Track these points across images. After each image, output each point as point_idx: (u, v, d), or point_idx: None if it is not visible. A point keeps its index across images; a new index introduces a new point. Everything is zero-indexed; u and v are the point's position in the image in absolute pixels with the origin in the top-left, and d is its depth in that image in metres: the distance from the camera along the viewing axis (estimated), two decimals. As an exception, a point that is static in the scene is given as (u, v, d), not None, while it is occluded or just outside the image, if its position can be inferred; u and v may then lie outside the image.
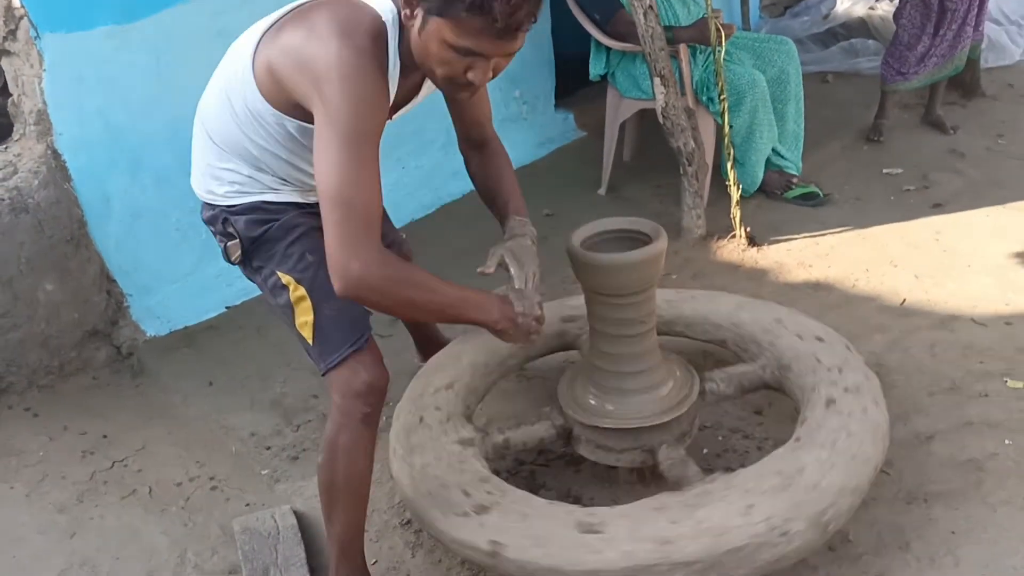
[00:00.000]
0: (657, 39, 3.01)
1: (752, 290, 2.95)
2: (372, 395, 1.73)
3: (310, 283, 1.74)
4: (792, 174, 3.56)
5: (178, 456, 2.45)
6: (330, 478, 1.77)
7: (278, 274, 1.76)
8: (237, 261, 1.83)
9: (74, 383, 2.77)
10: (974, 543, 1.91)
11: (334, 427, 1.74)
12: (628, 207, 3.52)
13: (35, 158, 2.59)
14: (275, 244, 1.78)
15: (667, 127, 3.15)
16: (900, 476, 2.08)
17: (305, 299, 1.73)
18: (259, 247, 1.80)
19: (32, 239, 2.61)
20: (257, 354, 2.85)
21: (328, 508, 1.80)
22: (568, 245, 1.92)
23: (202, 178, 1.84)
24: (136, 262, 2.88)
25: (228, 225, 1.81)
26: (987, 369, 2.45)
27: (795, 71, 3.48)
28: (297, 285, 1.74)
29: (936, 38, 3.87)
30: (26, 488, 2.36)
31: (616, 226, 2.00)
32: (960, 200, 3.48)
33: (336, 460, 1.75)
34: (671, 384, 2.04)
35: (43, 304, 2.67)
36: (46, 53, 2.53)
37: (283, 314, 1.80)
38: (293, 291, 1.75)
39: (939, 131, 4.07)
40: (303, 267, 1.75)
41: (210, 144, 1.79)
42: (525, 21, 1.46)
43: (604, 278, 1.90)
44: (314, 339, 1.74)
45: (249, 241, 1.80)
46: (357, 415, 1.72)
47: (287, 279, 1.75)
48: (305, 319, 1.74)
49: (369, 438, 1.76)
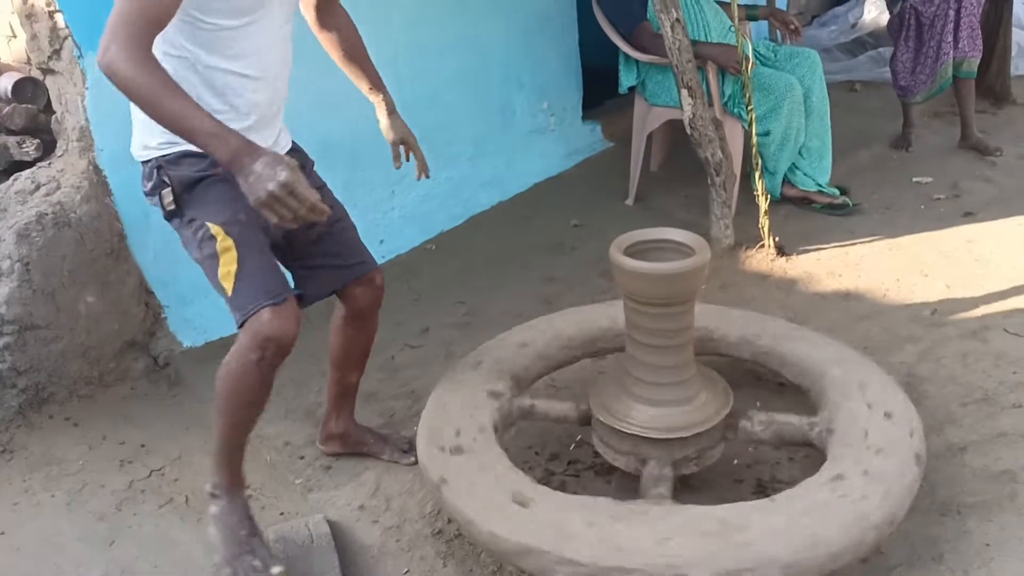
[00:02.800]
0: (684, 51, 3.03)
1: (781, 300, 2.95)
2: (272, 343, 1.76)
3: (238, 236, 1.78)
4: (807, 190, 3.52)
5: (214, 465, 2.49)
6: (219, 386, 1.88)
7: (207, 225, 1.78)
8: (169, 207, 1.82)
9: (113, 393, 2.82)
10: (1009, 555, 1.89)
11: (231, 354, 1.83)
12: (656, 217, 3.53)
13: (77, 173, 2.66)
14: (208, 196, 1.80)
15: (695, 138, 3.17)
16: (933, 488, 2.07)
17: (231, 250, 1.77)
18: (193, 198, 1.81)
19: (74, 252, 2.67)
20: (290, 363, 2.82)
21: (215, 416, 1.94)
22: (611, 253, 1.95)
23: (138, 136, 1.86)
24: (173, 274, 2.93)
25: (162, 173, 1.82)
26: (1020, 379, 2.43)
27: (819, 84, 3.46)
28: (225, 236, 1.77)
29: (919, 54, 3.88)
30: (67, 496, 2.41)
31: (656, 236, 2.02)
32: (991, 209, 3.46)
33: (226, 379, 1.85)
34: (688, 406, 2.03)
35: (84, 316, 2.73)
36: (88, 72, 2.59)
37: (208, 267, 1.81)
38: (220, 241, 1.77)
39: (982, 154, 3.95)
40: (233, 222, 1.78)
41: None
42: None
43: (647, 287, 1.93)
44: (233, 289, 1.78)
45: (182, 187, 1.81)
46: (252, 356, 1.78)
47: (216, 229, 1.77)
48: (228, 269, 1.77)
49: (258, 376, 1.81)
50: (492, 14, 3.70)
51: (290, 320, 1.78)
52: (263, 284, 1.77)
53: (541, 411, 2.18)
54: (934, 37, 3.82)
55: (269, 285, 1.78)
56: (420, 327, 2.80)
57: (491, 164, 3.82)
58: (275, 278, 1.80)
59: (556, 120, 4.12)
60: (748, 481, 2.19)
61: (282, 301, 1.77)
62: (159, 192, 1.83)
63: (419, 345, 2.73)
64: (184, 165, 1.81)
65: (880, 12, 5.14)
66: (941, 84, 3.93)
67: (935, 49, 3.84)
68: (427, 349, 2.77)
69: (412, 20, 3.34)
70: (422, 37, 3.34)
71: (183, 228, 1.86)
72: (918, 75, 3.91)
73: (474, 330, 2.90)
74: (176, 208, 1.82)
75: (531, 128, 4.01)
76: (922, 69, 3.89)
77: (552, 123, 4.10)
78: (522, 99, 3.94)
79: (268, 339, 1.76)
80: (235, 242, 1.76)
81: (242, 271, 1.76)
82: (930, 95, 3.98)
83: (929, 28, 3.83)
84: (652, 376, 2.02)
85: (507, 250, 3.48)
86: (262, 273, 1.78)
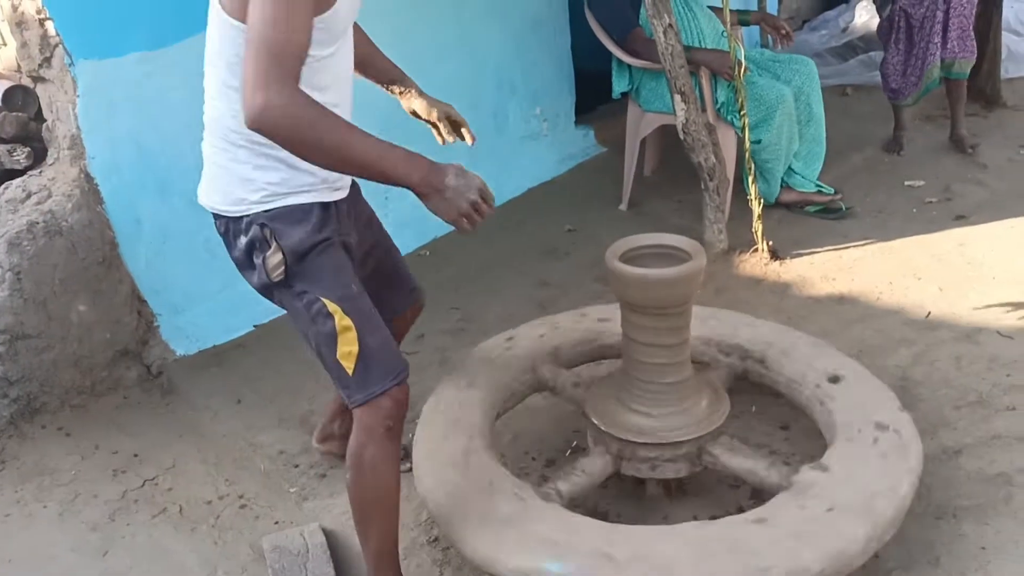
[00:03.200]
0: (677, 57, 3.03)
1: (775, 304, 2.96)
2: (397, 408, 1.76)
3: (356, 314, 1.72)
4: (805, 192, 3.55)
5: (207, 474, 2.48)
6: (360, 494, 1.79)
7: (322, 300, 1.70)
8: (277, 278, 1.70)
9: (105, 402, 2.81)
10: (1005, 558, 1.90)
11: (357, 444, 1.77)
12: (649, 222, 3.53)
13: (68, 182, 2.65)
14: (321, 267, 1.72)
15: (688, 143, 3.17)
16: (929, 491, 2.07)
17: (351, 330, 1.71)
18: (304, 269, 1.71)
19: (65, 261, 2.66)
20: (285, 372, 2.88)
21: (361, 524, 1.83)
22: (607, 259, 1.95)
23: (226, 187, 1.71)
24: (166, 282, 2.92)
25: (268, 236, 1.68)
26: (1014, 382, 2.44)
27: (815, 91, 3.48)
28: (344, 315, 1.70)
29: (909, 56, 3.89)
30: (59, 507, 2.39)
31: (651, 241, 2.03)
32: (983, 212, 3.47)
33: (363, 476, 1.77)
34: (703, 398, 2.06)
35: (76, 325, 2.72)
36: (79, 79, 2.58)
37: (323, 343, 1.73)
38: (339, 320, 1.70)
39: (958, 150, 4.04)
40: (348, 297, 1.73)
41: (233, 147, 1.68)
42: None
43: (644, 293, 1.93)
44: (355, 371, 1.72)
45: (293, 257, 1.69)
46: (380, 429, 1.75)
47: (334, 307, 1.70)
48: (349, 349, 1.71)
49: (393, 451, 1.78)
50: (485, 20, 3.71)
51: (406, 388, 1.78)
52: (386, 365, 1.74)
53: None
54: (923, 39, 3.84)
55: (391, 364, 1.75)
56: (414, 334, 2.79)
57: (484, 169, 3.72)
58: (394, 354, 1.78)
59: (549, 125, 4.12)
60: (744, 487, 2.19)
61: (405, 376, 1.77)
62: (263, 255, 1.69)
63: (414, 352, 2.73)
64: (290, 227, 1.68)
65: (870, 16, 5.16)
66: (928, 85, 3.93)
67: (923, 50, 3.85)
68: (422, 356, 2.77)
69: (406, 27, 3.34)
70: (416, 43, 3.34)
71: (291, 299, 1.75)
72: (908, 77, 3.93)
73: (469, 336, 2.89)
74: (284, 279, 1.71)
75: (524, 133, 4.01)
76: (912, 71, 3.91)
77: (545, 128, 4.10)
78: (515, 104, 3.94)
79: (395, 405, 1.75)
80: (353, 321, 1.70)
81: (364, 352, 1.71)
82: (919, 97, 3.99)
83: (919, 30, 3.84)
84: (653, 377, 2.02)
85: (501, 255, 3.48)
86: (384, 353, 1.75)
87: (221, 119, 1.69)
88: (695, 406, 2.04)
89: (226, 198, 1.72)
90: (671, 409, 2.02)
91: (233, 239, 1.75)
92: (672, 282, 1.90)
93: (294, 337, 3.02)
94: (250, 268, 1.76)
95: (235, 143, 1.67)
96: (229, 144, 1.68)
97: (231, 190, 1.71)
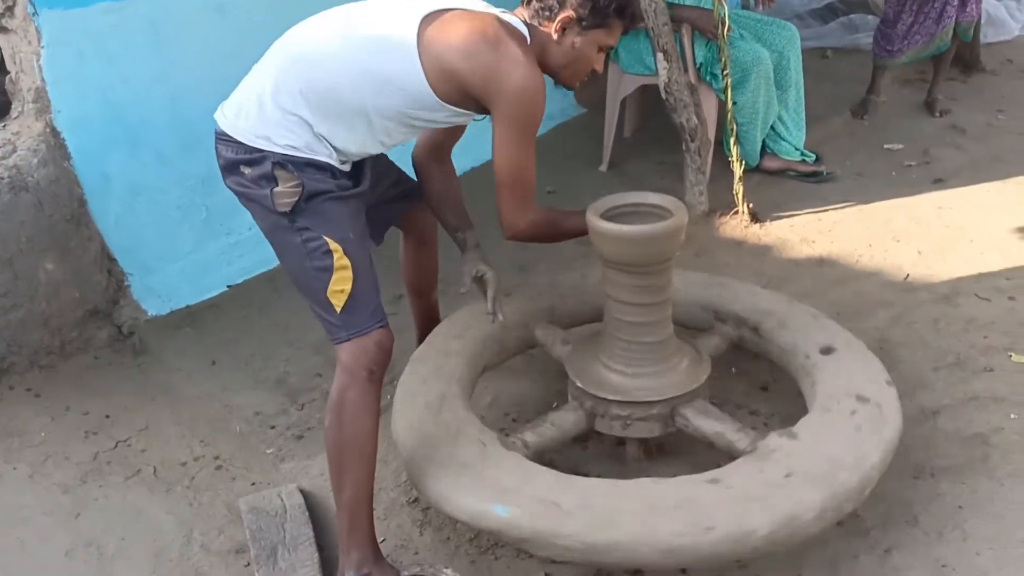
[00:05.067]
0: (660, 14, 2.98)
1: (755, 266, 2.95)
2: (381, 353, 1.83)
3: (354, 256, 1.82)
4: (789, 159, 3.53)
5: (182, 436, 2.45)
6: (337, 438, 1.80)
7: (326, 239, 1.80)
8: (283, 208, 1.80)
9: (75, 363, 2.76)
10: (981, 517, 1.92)
11: (339, 387, 1.81)
12: (630, 183, 3.50)
13: (34, 136, 2.56)
14: (327, 211, 1.82)
15: (670, 103, 3.14)
16: (907, 451, 2.08)
17: (348, 268, 1.81)
18: (310, 208, 1.81)
19: (32, 218, 2.58)
20: (260, 333, 2.84)
21: (336, 472, 1.82)
22: (588, 216, 1.94)
23: (258, 123, 1.81)
24: (137, 241, 2.85)
25: (278, 170, 1.79)
26: (991, 344, 2.46)
27: (795, 57, 3.44)
28: (343, 255, 1.81)
29: (920, 15, 3.83)
30: (29, 469, 2.35)
31: (633, 199, 2.02)
32: (961, 175, 3.48)
33: (343, 418, 1.79)
34: (684, 359, 2.06)
35: (44, 284, 2.65)
36: (44, 30, 2.49)
37: (315, 277, 1.82)
38: (338, 259, 1.81)
39: (928, 112, 4.05)
40: (349, 240, 1.83)
41: (298, 100, 1.80)
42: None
43: (626, 249, 1.91)
44: (344, 307, 1.81)
45: (308, 196, 1.80)
46: (363, 372, 1.80)
47: (335, 246, 1.80)
48: (342, 287, 1.81)
49: (374, 395, 1.82)
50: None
51: (391, 334, 1.87)
52: (374, 306, 1.85)
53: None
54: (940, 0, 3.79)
55: (378, 307, 1.86)
56: (393, 294, 2.76)
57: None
58: (379, 300, 1.88)
59: (528, 85, 4.05)
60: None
61: (387, 322, 1.87)
62: (271, 188, 1.80)
63: (393, 313, 2.68)
64: (308, 174, 1.81)
65: (852, -21, 5.13)
66: (939, 46, 3.89)
67: (939, 11, 3.80)
68: (400, 317, 2.73)
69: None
70: None
71: (287, 232, 1.84)
72: (913, 35, 3.85)
73: (449, 298, 2.86)
74: (290, 212, 1.81)
75: (503, 93, 3.94)
76: (920, 29, 3.83)
77: (524, 88, 4.04)
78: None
79: (379, 349, 1.83)
80: (352, 262, 1.81)
81: (355, 291, 1.82)
82: (918, 57, 3.94)
83: None
84: (645, 336, 2.01)
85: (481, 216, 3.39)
86: (372, 295, 1.86)
87: (321, 76, 1.80)
88: (673, 367, 2.04)
89: (250, 129, 1.82)
90: (648, 369, 2.02)
91: (245, 166, 1.83)
92: (651, 239, 1.89)
93: (269, 298, 3.00)
94: (249, 192, 1.84)
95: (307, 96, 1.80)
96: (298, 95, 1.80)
97: (259, 126, 1.81)
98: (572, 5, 1.85)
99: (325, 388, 2.54)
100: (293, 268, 1.88)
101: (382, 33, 1.83)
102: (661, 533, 1.61)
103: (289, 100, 1.80)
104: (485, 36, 1.80)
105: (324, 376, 2.59)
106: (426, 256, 2.39)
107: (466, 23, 1.81)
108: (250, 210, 1.90)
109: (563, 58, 1.91)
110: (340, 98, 1.81)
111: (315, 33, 1.87)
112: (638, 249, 1.91)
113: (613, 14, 1.87)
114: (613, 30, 1.90)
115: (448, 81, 1.81)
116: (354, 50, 1.82)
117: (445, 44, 1.79)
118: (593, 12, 1.85)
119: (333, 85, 1.80)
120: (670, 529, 1.62)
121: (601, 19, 1.86)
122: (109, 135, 2.72)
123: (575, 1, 1.85)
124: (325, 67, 1.81)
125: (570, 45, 1.89)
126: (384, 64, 1.81)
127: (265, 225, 1.89)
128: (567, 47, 1.89)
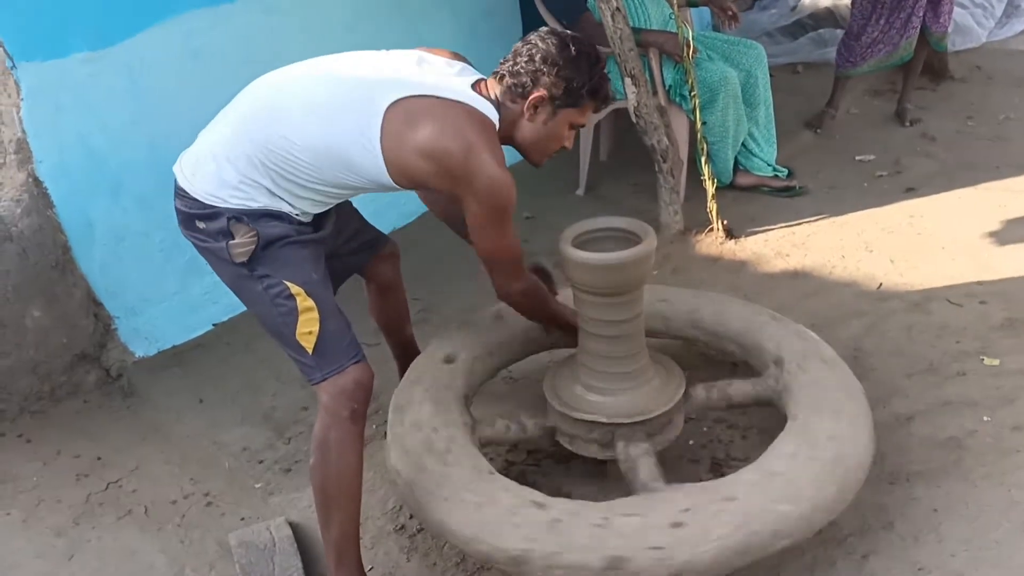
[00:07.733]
0: (626, 40, 3.05)
1: (731, 281, 3.00)
2: (360, 391, 1.83)
3: (319, 297, 1.84)
4: (761, 175, 3.59)
5: (172, 474, 2.47)
6: (322, 477, 1.83)
7: (286, 283, 1.82)
8: (242, 260, 1.82)
9: (65, 407, 2.79)
10: (956, 519, 1.96)
11: (322, 427, 1.83)
12: (606, 206, 3.56)
13: (16, 186, 2.61)
14: (285, 256, 1.83)
15: (640, 126, 3.20)
16: (882, 457, 2.12)
17: (313, 310, 1.82)
18: (268, 255, 1.83)
19: (17, 267, 2.62)
20: (246, 369, 2.87)
21: (323, 510, 1.85)
22: (560, 245, 1.97)
23: (210, 183, 1.82)
24: (121, 284, 2.89)
25: (234, 224, 1.81)
26: (963, 348, 2.51)
27: (763, 75, 3.51)
28: (307, 296, 1.82)
29: (885, 25, 3.90)
30: (22, 514, 2.37)
31: (604, 225, 2.05)
32: (932, 183, 3.54)
33: (327, 458, 1.82)
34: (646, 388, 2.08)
35: (31, 330, 2.69)
36: (23, 82, 2.54)
37: (282, 323, 1.83)
38: (301, 301, 1.82)
39: (898, 122, 4.12)
40: (313, 282, 1.85)
41: (257, 166, 1.81)
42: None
43: (595, 277, 1.95)
44: (315, 349, 1.83)
45: (265, 243, 1.81)
46: (345, 412, 1.81)
47: (297, 289, 1.82)
48: (310, 329, 1.82)
49: (357, 434, 1.84)
50: (434, 10, 3.69)
51: (368, 368, 1.88)
52: (345, 343, 1.86)
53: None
54: (905, 10, 3.84)
55: (349, 344, 1.87)
56: (372, 326, 2.80)
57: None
58: (351, 335, 1.88)
59: (504, 113, 4.11)
60: (704, 461, 2.23)
61: (363, 356, 1.87)
62: (227, 243, 1.82)
63: (375, 344, 2.73)
64: (263, 223, 1.82)
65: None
66: (903, 56, 3.96)
67: (903, 21, 3.87)
68: (384, 347, 2.77)
69: (352, 18, 3.32)
70: (363, 35, 3.32)
71: (248, 281, 1.86)
72: (876, 44, 3.92)
73: (431, 327, 2.90)
74: (247, 261, 1.83)
75: (480, 122, 4.00)
76: (884, 38, 3.90)
77: (500, 116, 4.09)
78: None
79: (357, 387, 1.83)
80: (316, 303, 1.82)
81: (324, 331, 1.82)
82: (880, 67, 4.01)
83: (903, 1, 3.84)
84: (616, 367, 2.04)
85: (461, 245, 3.40)
86: (343, 333, 1.86)
87: (286, 161, 1.80)
88: (633, 390, 2.05)
89: (204, 187, 1.83)
90: (618, 386, 2.05)
91: (199, 220, 1.85)
92: (621, 266, 1.92)
93: (255, 335, 3.04)
94: (207, 245, 1.86)
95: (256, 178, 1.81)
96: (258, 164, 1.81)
97: (211, 185, 1.82)
98: (545, 84, 1.84)
99: (311, 421, 2.55)
100: (260, 315, 1.90)
101: (346, 117, 1.80)
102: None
103: (247, 166, 1.81)
104: (452, 141, 1.77)
105: (310, 409, 2.63)
106: (392, 299, 2.40)
107: (431, 124, 1.77)
108: (209, 262, 1.91)
109: (533, 135, 1.91)
110: (297, 169, 1.81)
111: (279, 95, 1.86)
112: (608, 276, 1.94)
113: (587, 95, 1.87)
114: (585, 110, 1.90)
115: (411, 180, 1.84)
116: (317, 124, 1.80)
117: (412, 147, 1.77)
118: (567, 92, 1.85)
119: (292, 157, 1.80)
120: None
121: (574, 99, 1.86)
122: (91, 182, 2.76)
123: (548, 80, 1.84)
124: (286, 137, 1.79)
125: (541, 123, 1.89)
126: (347, 148, 1.80)
127: (227, 276, 1.90)
128: (538, 125, 1.89)
